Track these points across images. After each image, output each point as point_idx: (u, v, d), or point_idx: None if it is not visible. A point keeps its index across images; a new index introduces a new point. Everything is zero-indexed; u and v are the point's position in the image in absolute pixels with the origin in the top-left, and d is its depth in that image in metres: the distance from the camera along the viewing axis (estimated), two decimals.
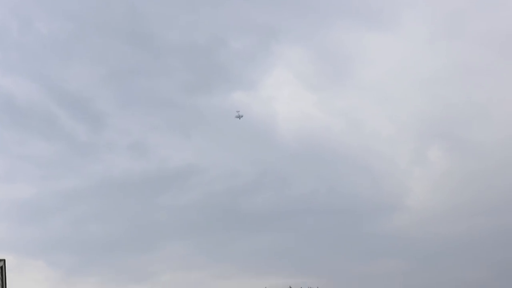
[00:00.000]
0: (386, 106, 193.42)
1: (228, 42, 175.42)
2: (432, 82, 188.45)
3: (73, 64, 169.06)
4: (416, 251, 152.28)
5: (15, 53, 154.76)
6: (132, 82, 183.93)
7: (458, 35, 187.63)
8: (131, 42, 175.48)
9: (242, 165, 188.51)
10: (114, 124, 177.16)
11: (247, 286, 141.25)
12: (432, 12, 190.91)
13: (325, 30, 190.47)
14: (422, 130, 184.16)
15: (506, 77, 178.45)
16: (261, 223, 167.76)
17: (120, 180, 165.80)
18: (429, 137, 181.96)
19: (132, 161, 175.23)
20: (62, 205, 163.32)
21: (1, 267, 26.12)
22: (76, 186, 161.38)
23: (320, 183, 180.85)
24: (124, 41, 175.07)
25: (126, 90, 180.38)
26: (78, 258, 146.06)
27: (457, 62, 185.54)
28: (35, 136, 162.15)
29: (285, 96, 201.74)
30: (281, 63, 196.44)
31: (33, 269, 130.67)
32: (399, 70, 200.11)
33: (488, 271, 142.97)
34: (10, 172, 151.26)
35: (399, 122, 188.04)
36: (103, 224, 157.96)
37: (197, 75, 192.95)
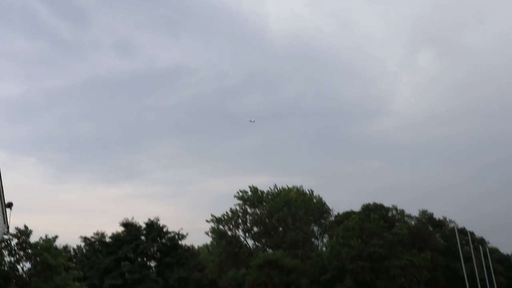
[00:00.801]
0: (380, 7, 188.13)
1: None
2: None
3: None
4: (400, 154, 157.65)
5: None
6: None
7: None
8: None
9: (231, 66, 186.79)
10: (98, 21, 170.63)
11: (236, 183, 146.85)
12: None
13: None
14: (414, 33, 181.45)
15: None
16: (250, 125, 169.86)
17: (107, 79, 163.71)
18: (421, 41, 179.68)
19: (118, 61, 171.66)
20: (50, 104, 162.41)
21: None
22: (62, 85, 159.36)
23: (308, 86, 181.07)
24: None
25: None
26: (69, 156, 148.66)
27: None
28: (16, 33, 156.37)
29: None
30: None
31: (26, 166, 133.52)
32: None
33: (467, 172, 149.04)
34: None
35: (392, 24, 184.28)
36: (92, 123, 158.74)
37: None
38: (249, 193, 76.94)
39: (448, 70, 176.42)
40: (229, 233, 72.86)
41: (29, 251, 21.25)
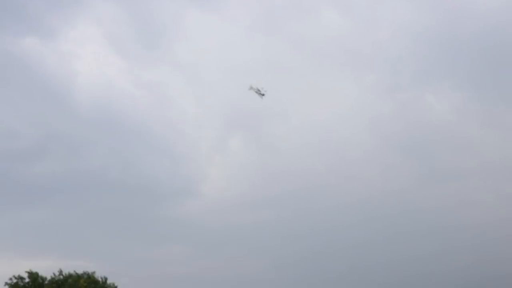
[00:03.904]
0: (197, 87, 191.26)
1: None
2: (244, 72, 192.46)
3: None
4: (204, 238, 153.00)
5: None
6: None
7: (275, 32, 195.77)
8: None
9: (24, 125, 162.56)
10: None
11: (10, 267, 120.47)
12: (257, 3, 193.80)
13: None
14: (227, 118, 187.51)
15: (309, 83, 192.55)
16: (40, 196, 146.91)
17: None
18: (233, 126, 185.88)
19: None
20: None
21: None
22: None
23: (115, 158, 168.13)
24: None
25: None
26: None
27: (270, 58, 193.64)
28: None
29: (89, 55, 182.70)
30: (90, 16, 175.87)
31: None
32: (215, 53, 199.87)
33: (268, 264, 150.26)
34: None
35: (207, 106, 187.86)
36: None
37: None
38: (27, 279, 63.25)
39: (256, 157, 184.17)
40: None
41: None
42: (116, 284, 68.67)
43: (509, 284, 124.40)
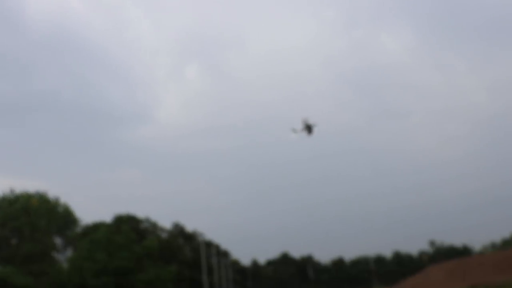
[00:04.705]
0: (155, 12, 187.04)
1: None
2: (203, 0, 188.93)
3: None
4: (157, 164, 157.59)
5: None
6: None
7: None
8: None
9: None
10: None
11: None
12: None
13: None
14: (185, 46, 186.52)
15: (267, 14, 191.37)
16: None
17: None
18: (190, 54, 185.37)
19: None
20: None
21: None
22: None
23: (68, 79, 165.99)
24: None
25: None
26: None
27: None
28: None
29: None
30: None
31: None
32: None
33: (218, 185, 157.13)
34: None
35: (165, 33, 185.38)
36: None
37: None
38: None
39: (212, 86, 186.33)
40: None
41: None
42: (68, 204, 72.16)
43: (447, 222, 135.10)
